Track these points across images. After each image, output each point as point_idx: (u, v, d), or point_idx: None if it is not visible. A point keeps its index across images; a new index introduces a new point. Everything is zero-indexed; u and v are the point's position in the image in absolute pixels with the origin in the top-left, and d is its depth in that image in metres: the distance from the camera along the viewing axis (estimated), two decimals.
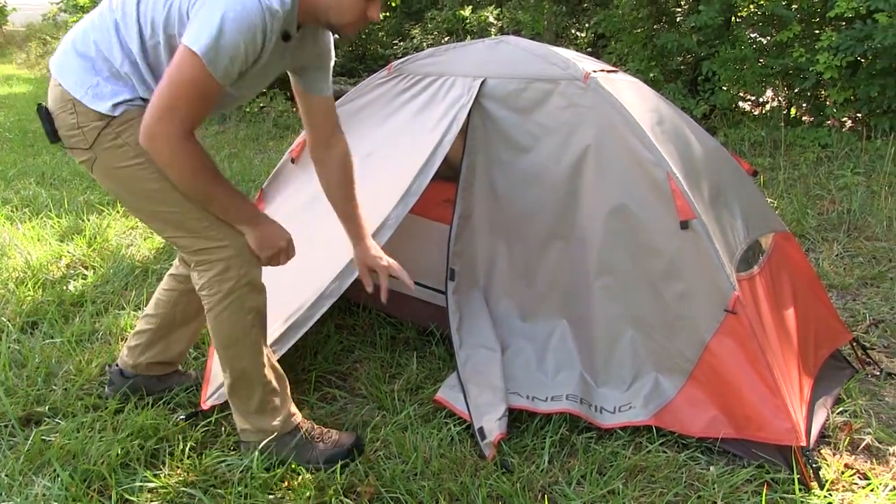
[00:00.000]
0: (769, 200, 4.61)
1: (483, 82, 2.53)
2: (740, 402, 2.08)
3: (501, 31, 8.22)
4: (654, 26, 7.77)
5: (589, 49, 8.67)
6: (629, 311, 2.24)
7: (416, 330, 2.89)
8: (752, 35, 7.52)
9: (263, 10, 1.61)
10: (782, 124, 6.97)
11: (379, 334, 2.84)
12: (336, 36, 2.05)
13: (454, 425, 2.21)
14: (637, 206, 2.24)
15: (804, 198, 4.82)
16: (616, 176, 2.27)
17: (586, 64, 2.50)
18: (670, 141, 2.35)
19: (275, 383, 2.04)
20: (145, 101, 1.77)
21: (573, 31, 8.40)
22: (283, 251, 1.93)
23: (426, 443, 2.13)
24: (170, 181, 1.79)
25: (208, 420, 2.23)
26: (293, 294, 2.43)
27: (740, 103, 7.81)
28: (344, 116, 2.87)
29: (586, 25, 8.19)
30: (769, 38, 7.34)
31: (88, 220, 4.28)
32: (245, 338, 1.95)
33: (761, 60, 7.13)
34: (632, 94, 2.43)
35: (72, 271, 3.56)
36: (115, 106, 1.79)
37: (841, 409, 2.36)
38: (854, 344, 2.67)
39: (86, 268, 3.61)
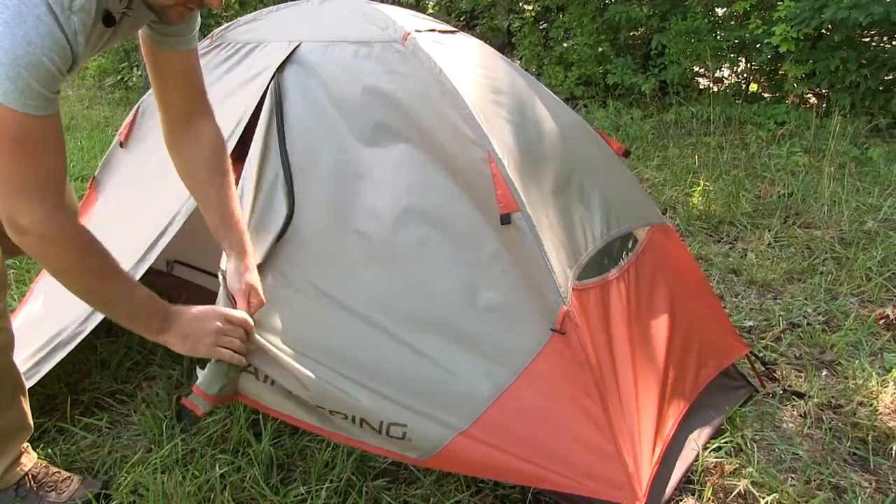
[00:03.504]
0: (703, 184, 4.18)
1: (297, 47, 2.09)
2: (561, 444, 1.61)
3: (438, 4, 7.74)
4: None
5: (543, 24, 8.18)
6: (436, 321, 1.74)
7: None
8: (717, 9, 7.05)
9: (48, 1, 1.11)
10: (739, 101, 6.52)
11: None
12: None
13: (220, 465, 1.78)
14: (451, 193, 1.78)
15: (745, 180, 4.37)
16: (432, 159, 1.82)
17: (413, 23, 2.04)
18: (506, 116, 1.90)
19: (0, 436, 1.64)
20: None
21: (520, 4, 7.91)
22: (218, 332, 1.45)
23: (181, 489, 1.69)
24: None
25: None
26: (67, 307, 2.00)
27: (700, 79, 7.35)
28: None
29: None
30: (726, 9, 6.86)
31: None
32: None
33: (717, 33, 6.66)
34: (463, 59, 1.97)
35: None
36: None
37: (719, 443, 1.92)
38: (752, 358, 2.23)
39: None
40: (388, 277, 1.75)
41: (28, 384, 1.85)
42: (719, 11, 7.01)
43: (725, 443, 1.91)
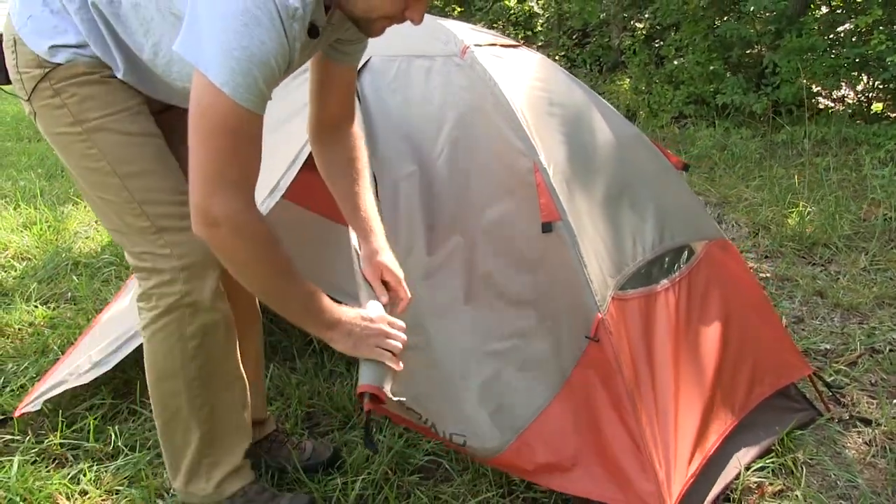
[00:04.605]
0: (802, 204, 4.02)
1: (367, 61, 2.21)
2: (599, 452, 1.65)
3: (547, 21, 7.77)
4: (724, 17, 7.10)
5: (658, 42, 8.05)
6: (491, 332, 1.79)
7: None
8: (844, 27, 6.73)
9: (278, 8, 1.18)
10: (859, 121, 6.20)
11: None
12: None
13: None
14: (502, 204, 1.84)
15: (849, 201, 4.17)
16: (483, 169, 1.89)
17: (474, 38, 2.12)
18: (558, 127, 1.95)
19: (221, 434, 1.62)
20: (93, 54, 1.44)
21: (632, 22, 7.82)
22: (381, 334, 1.45)
23: None
24: (108, 161, 1.46)
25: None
26: None
27: (819, 98, 7.03)
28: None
29: (646, 15, 7.59)
30: (848, 25, 6.55)
31: (61, 211, 4.16)
32: (182, 371, 1.55)
33: (836, 50, 6.36)
34: (520, 72, 2.04)
35: (13, 262, 3.40)
36: (54, 49, 1.41)
37: (764, 463, 1.87)
38: (815, 380, 2.15)
39: (23, 260, 3.46)
40: (439, 288, 1.83)
41: (104, 369, 2.03)
42: (841, 28, 6.70)
43: (771, 463, 1.87)
